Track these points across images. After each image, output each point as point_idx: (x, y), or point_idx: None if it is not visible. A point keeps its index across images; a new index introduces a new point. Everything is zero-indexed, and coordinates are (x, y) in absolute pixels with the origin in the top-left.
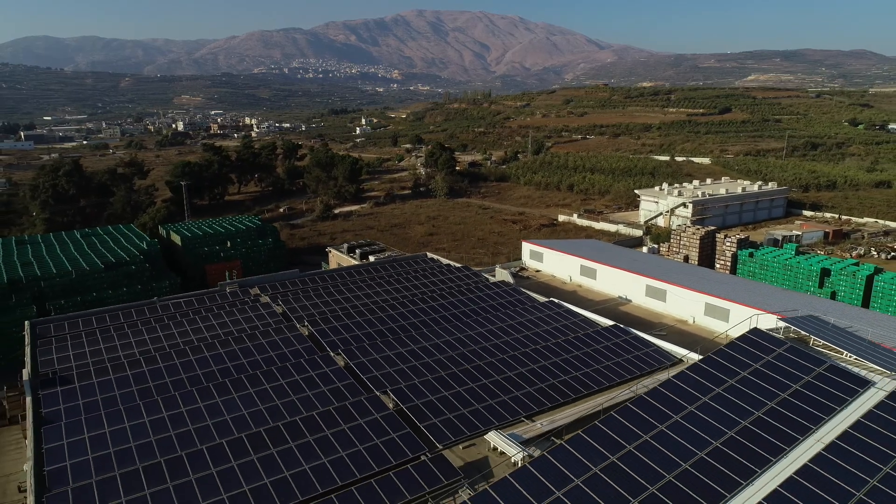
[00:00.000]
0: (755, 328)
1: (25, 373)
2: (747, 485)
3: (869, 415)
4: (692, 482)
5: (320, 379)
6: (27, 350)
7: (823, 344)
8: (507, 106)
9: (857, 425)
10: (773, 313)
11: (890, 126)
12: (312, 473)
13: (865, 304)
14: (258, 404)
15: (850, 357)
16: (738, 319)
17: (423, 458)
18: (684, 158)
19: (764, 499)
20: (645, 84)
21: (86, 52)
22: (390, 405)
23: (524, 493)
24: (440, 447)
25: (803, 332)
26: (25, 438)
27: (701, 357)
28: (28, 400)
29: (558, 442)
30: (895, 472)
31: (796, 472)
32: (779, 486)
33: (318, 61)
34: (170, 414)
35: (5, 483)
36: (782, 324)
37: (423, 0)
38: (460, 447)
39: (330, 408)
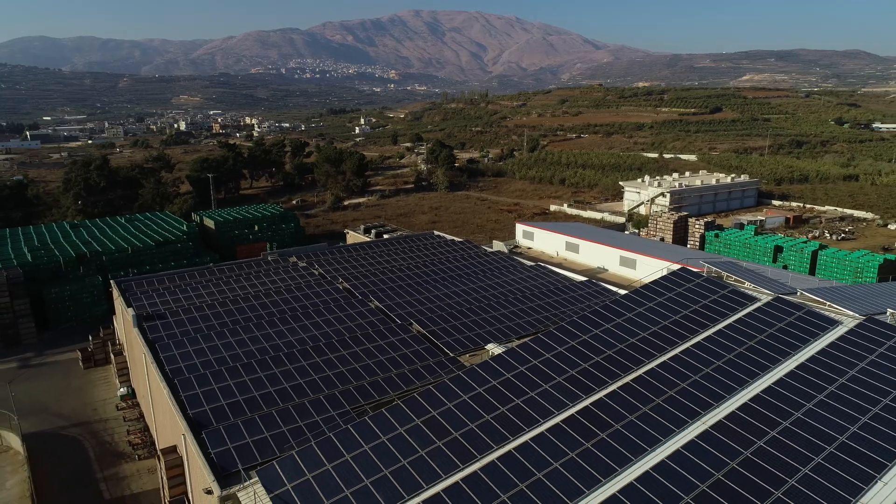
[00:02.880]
0: (683, 267)
1: (129, 312)
2: (661, 355)
3: (748, 315)
4: (623, 354)
5: (359, 315)
6: (120, 299)
7: (734, 279)
8: (504, 106)
9: (738, 321)
10: (699, 268)
11: (874, 125)
12: (362, 370)
13: (812, 275)
14: (313, 330)
15: (749, 286)
16: None
17: (442, 359)
18: (672, 156)
19: (669, 359)
20: (640, 84)
21: (83, 52)
22: (415, 330)
23: (511, 361)
24: (452, 355)
25: (722, 272)
26: (115, 374)
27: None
28: (135, 330)
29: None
30: (748, 352)
31: (693, 346)
32: (679, 352)
33: (316, 61)
34: (248, 336)
35: (104, 405)
36: (707, 266)
37: (419, 0)
38: (468, 356)
39: (370, 330)
